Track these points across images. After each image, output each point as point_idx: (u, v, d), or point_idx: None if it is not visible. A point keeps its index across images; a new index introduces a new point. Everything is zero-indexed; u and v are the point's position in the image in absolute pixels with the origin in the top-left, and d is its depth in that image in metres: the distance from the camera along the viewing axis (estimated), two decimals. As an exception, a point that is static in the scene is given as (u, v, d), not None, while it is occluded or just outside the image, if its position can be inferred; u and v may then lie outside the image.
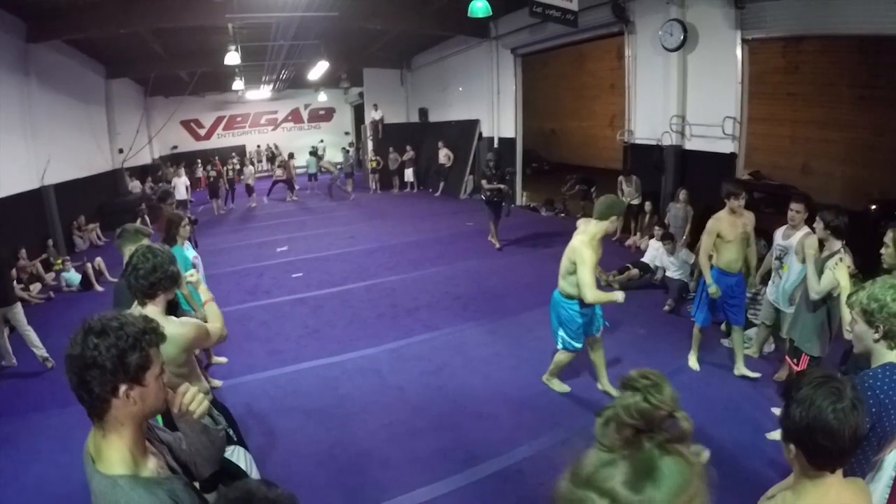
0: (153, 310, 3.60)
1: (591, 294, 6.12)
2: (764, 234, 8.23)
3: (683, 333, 8.38)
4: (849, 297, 3.42)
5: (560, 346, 6.71)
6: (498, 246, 14.20)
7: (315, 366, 7.99)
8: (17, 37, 14.32)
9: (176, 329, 3.56)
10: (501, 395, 7.04)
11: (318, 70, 23.10)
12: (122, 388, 1.98)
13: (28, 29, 14.49)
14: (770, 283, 7.15)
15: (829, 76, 16.24)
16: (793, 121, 17.28)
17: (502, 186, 13.98)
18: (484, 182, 14.19)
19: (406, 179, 25.07)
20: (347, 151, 27.02)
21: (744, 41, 11.74)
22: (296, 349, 8.61)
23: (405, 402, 6.95)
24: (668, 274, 10.40)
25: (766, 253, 7.87)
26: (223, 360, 8.11)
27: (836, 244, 5.51)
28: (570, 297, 6.53)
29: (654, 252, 10.99)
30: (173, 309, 4.14)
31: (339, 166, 26.56)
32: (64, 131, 17.26)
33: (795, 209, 6.59)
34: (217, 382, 7.24)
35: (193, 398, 2.35)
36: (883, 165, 14.93)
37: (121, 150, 22.49)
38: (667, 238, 10.46)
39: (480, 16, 12.73)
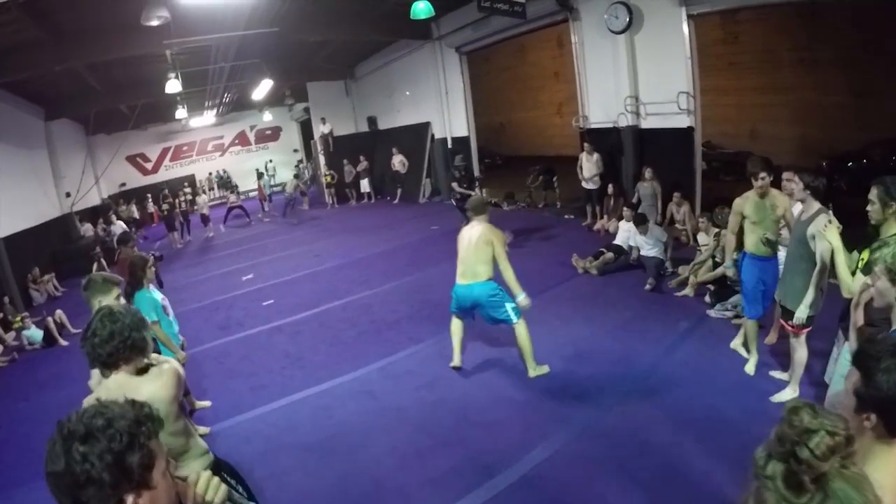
0: (118, 378, 3.20)
1: (511, 268, 6.98)
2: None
3: (668, 309, 8.77)
4: (871, 253, 3.74)
5: (515, 319, 7.09)
6: None
7: (305, 396, 7.62)
8: None
9: (156, 384, 3.22)
10: (502, 399, 6.82)
11: (263, 89, 22.76)
12: (129, 499, 1.68)
13: None
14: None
15: (768, 43, 16.82)
16: (737, 89, 17.68)
17: (472, 193, 13.76)
18: (455, 185, 14.26)
19: (363, 190, 24.77)
20: (298, 168, 26.68)
21: (689, 17, 11.82)
22: (281, 381, 8.22)
23: (406, 421, 6.65)
24: (643, 253, 10.38)
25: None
26: (207, 403, 7.68)
27: (815, 205, 5.38)
28: (490, 279, 7.15)
29: (626, 233, 10.95)
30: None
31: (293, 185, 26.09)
32: (6, 180, 16.63)
33: (786, 177, 6.42)
34: (204, 430, 6.80)
35: (208, 485, 2.08)
36: (829, 124, 15.58)
37: (68, 194, 21.78)
38: (639, 221, 10.33)
39: (423, 17, 12.54)
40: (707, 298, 8.72)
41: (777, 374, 6.37)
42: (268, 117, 32.09)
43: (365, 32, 19.27)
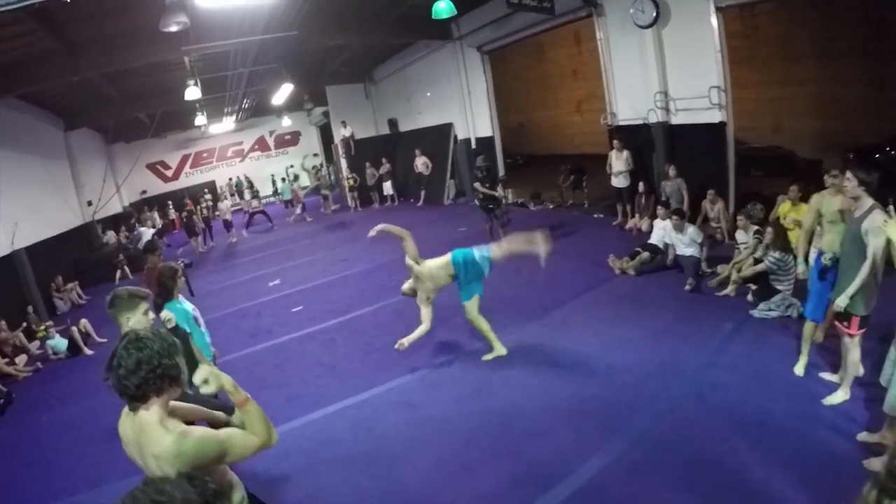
0: (148, 416, 2.72)
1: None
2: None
3: (711, 310, 8.51)
4: None
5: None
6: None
7: (342, 407, 7.34)
8: None
9: (175, 445, 2.64)
10: (550, 407, 6.51)
11: (283, 94, 22.61)
12: None
13: None
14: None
15: (787, 35, 16.57)
16: (756, 82, 17.46)
17: (496, 193, 13.93)
18: (477, 185, 13.95)
19: (386, 193, 24.55)
20: (318, 171, 26.50)
21: (717, 9, 11.53)
22: (316, 392, 7.96)
23: (451, 433, 6.35)
24: (679, 252, 10.06)
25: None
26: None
27: (868, 201, 5.15)
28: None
29: (662, 232, 10.67)
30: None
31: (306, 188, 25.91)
32: (28, 190, 16.66)
33: (832, 173, 6.09)
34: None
35: None
36: (850, 115, 15.30)
37: (90, 203, 21.83)
38: (676, 214, 10.02)
39: (445, 17, 12.26)
40: (749, 298, 8.47)
41: (827, 376, 6.14)
42: (287, 122, 31.84)
43: (384, 35, 19.11)
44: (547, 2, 13.29)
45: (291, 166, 35.72)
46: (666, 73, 12.93)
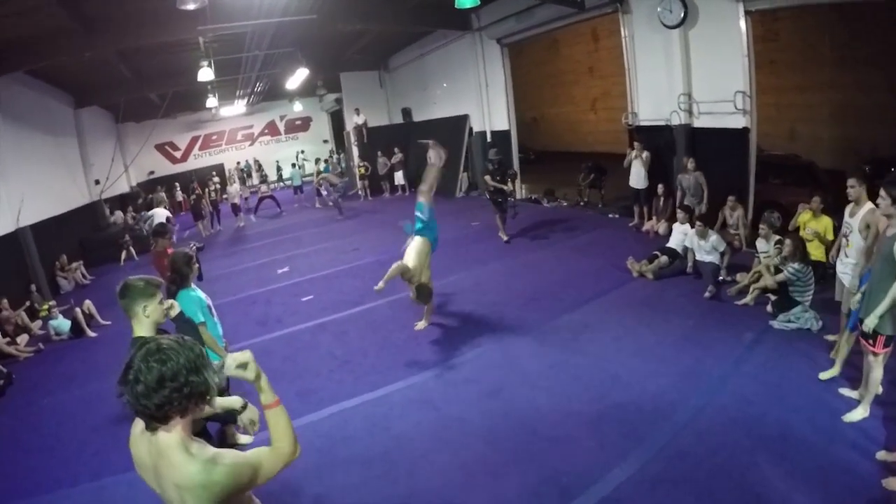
0: (169, 439, 2.35)
1: None
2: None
3: (731, 319, 8.37)
4: None
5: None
6: (505, 239, 14.06)
7: (358, 404, 7.07)
8: None
9: (203, 475, 2.30)
10: (572, 412, 6.35)
11: (297, 78, 22.31)
12: None
13: None
14: (838, 260, 6.83)
15: (808, 41, 16.41)
16: (776, 88, 17.28)
17: (505, 187, 14.10)
18: (487, 178, 14.13)
19: (397, 183, 24.26)
20: (332, 159, 26.31)
21: (746, 13, 11.32)
22: (330, 386, 7.68)
23: (472, 434, 6.14)
24: (699, 258, 9.92)
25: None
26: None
27: None
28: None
29: (681, 236, 10.52)
30: None
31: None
32: (36, 167, 16.42)
33: (850, 185, 6.38)
34: (247, 439, 6.29)
35: None
36: (870, 124, 15.08)
37: (97, 182, 21.67)
38: (701, 233, 9.80)
39: (469, 6, 12.11)
40: (769, 308, 8.33)
41: (846, 392, 6.05)
42: (298, 107, 31.66)
43: (403, 22, 18.86)
44: (577, -5, 13.05)
45: (302, 151, 35.52)
46: (691, 74, 12.70)
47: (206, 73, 16.41)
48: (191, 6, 9.96)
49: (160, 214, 19.04)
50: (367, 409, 6.90)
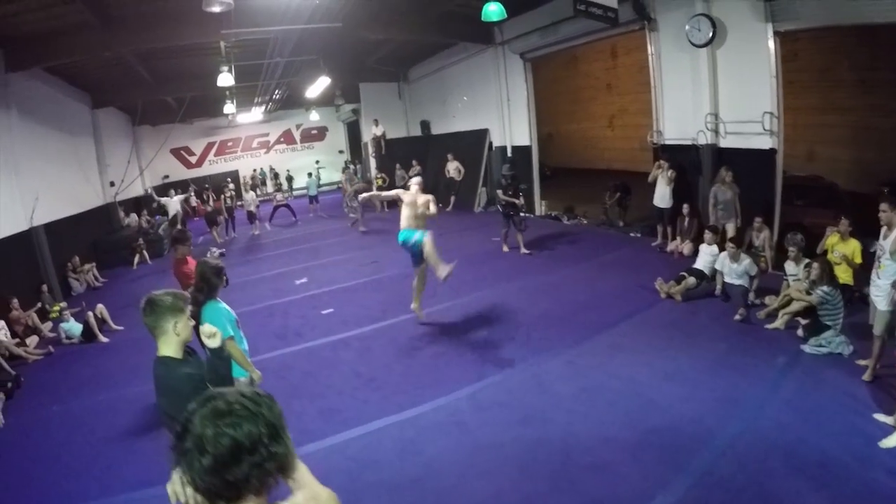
0: None
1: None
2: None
3: (762, 342, 8.22)
4: None
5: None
6: (524, 251, 14.25)
7: (385, 425, 6.75)
8: None
9: None
10: (609, 438, 6.13)
11: (318, 87, 22.23)
12: None
13: (6, 57, 13.39)
14: (871, 283, 6.94)
15: (827, 62, 16.32)
16: (794, 108, 16.91)
17: (516, 201, 14.29)
18: (499, 192, 14.54)
19: (415, 197, 23.78)
20: (348, 169, 26.11)
21: (775, 33, 11.26)
22: (355, 405, 7.35)
23: (506, 461, 5.86)
24: (727, 280, 9.74)
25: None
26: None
27: None
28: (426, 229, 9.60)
29: (709, 258, 10.37)
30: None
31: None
32: (50, 166, 16.22)
33: (882, 209, 6.56)
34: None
35: None
36: (889, 147, 14.95)
37: (112, 183, 21.50)
38: (735, 256, 9.65)
39: (495, 20, 12.20)
40: (800, 332, 8.18)
41: (881, 418, 6.00)
42: (315, 117, 31.60)
43: (427, 33, 18.76)
44: (612, 11, 12.78)
45: (317, 162, 35.37)
46: (718, 94, 12.57)
47: (225, 79, 16.18)
48: (216, 8, 9.87)
49: (173, 204, 18.91)
50: (395, 432, 6.60)
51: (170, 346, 3.67)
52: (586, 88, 29.14)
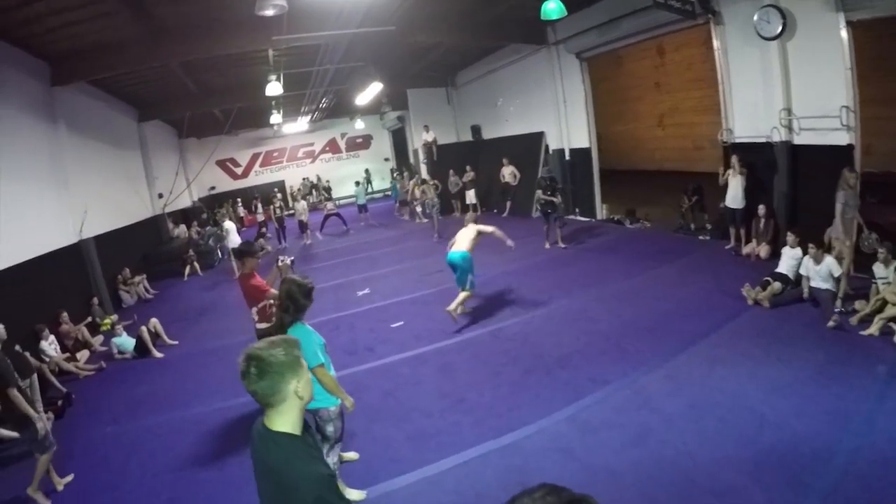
0: None
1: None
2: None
3: (859, 350, 7.66)
4: None
5: (469, 288, 10.29)
6: (561, 245, 15.30)
7: (485, 453, 6.08)
8: (41, 80, 13.24)
9: None
10: (728, 458, 5.59)
11: (369, 93, 21.82)
12: None
13: (52, 71, 13.38)
14: None
15: (882, 51, 15.43)
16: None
17: (554, 199, 15.17)
18: (539, 192, 15.70)
19: (468, 202, 22.91)
20: (397, 178, 25.77)
21: (848, 23, 10.63)
22: (447, 430, 6.69)
23: (626, 489, 5.30)
24: (813, 285, 9.24)
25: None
26: (354, 455, 6.27)
27: None
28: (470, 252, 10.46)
29: (792, 261, 9.87)
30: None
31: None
32: (99, 179, 16.25)
33: None
34: (359, 494, 5.43)
35: None
36: None
37: (160, 195, 21.64)
38: (818, 257, 9.20)
39: (555, 17, 11.79)
40: None
41: None
42: (360, 125, 31.61)
43: (479, 36, 18.36)
44: (689, 4, 12.23)
45: (367, 170, 35.75)
46: (790, 88, 11.91)
47: (274, 88, 15.97)
48: (269, 12, 9.59)
49: (232, 228, 18.59)
50: (497, 460, 5.94)
51: (287, 418, 2.63)
52: (633, 88, 28.37)
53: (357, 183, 26.77)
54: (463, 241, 10.59)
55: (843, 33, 10.62)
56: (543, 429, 6.42)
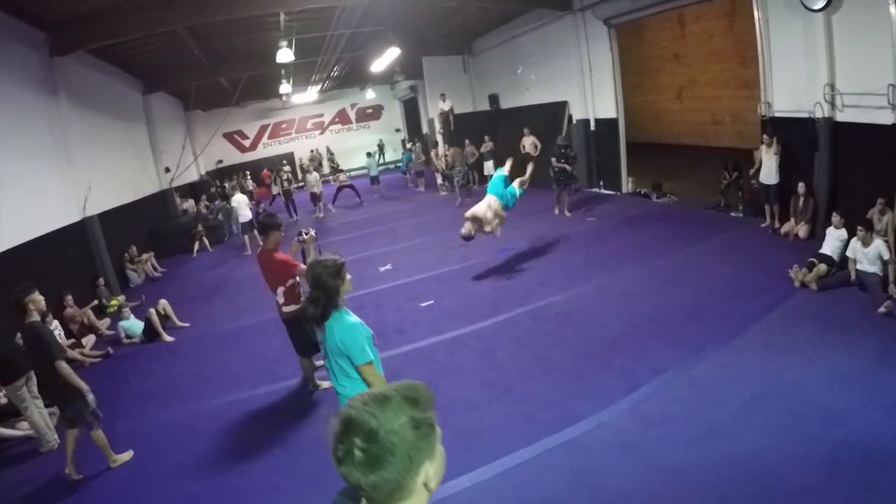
0: None
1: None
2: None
3: None
4: None
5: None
6: (567, 214, 15.95)
7: (543, 451, 5.46)
8: (40, 51, 12.57)
9: None
10: (797, 455, 5.10)
11: (385, 59, 20.94)
12: None
13: (51, 40, 12.71)
14: None
15: None
16: None
17: (567, 167, 15.87)
18: (553, 160, 16.06)
19: (486, 173, 22.28)
20: (411, 149, 25.18)
21: None
22: (497, 425, 6.04)
23: (697, 490, 4.80)
24: (859, 268, 8.81)
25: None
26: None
27: None
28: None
29: (837, 243, 9.44)
30: None
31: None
32: (103, 154, 15.62)
33: None
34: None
35: None
36: None
37: (167, 169, 21.13)
38: (867, 240, 8.73)
39: None
40: None
41: None
42: (371, 95, 31.15)
43: (499, 0, 17.93)
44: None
45: (380, 141, 35.48)
46: (834, 63, 11.26)
47: (285, 55, 15.37)
48: None
49: (242, 202, 17.90)
50: (557, 459, 5.33)
51: None
52: (653, 59, 27.58)
53: (369, 154, 26.15)
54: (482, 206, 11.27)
55: (893, 8, 9.86)
56: (603, 423, 5.82)
